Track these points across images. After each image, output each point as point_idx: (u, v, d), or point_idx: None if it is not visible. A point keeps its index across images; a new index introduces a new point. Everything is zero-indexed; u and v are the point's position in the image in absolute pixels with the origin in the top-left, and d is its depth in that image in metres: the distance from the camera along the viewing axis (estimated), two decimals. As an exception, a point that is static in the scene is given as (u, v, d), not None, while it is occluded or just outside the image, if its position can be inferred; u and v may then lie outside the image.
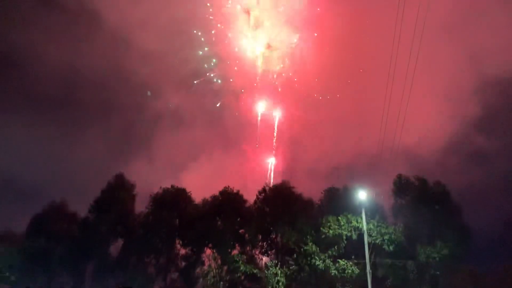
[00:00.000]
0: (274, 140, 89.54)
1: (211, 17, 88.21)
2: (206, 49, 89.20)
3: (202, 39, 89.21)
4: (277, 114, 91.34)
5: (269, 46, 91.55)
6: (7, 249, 50.35)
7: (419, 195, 50.91)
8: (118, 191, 55.12)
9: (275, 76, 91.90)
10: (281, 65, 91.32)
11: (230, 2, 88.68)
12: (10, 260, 49.97)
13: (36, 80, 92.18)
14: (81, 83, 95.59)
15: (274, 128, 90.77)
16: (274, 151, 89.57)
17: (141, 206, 55.78)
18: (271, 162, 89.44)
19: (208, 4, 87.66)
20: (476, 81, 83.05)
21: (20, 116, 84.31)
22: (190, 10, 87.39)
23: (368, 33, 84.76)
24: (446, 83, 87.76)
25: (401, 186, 52.77)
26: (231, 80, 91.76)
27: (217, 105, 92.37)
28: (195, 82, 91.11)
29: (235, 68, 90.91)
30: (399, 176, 53.25)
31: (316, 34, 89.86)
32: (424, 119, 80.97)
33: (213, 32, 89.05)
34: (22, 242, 52.25)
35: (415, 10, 34.03)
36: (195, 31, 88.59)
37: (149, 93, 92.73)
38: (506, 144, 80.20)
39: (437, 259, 46.09)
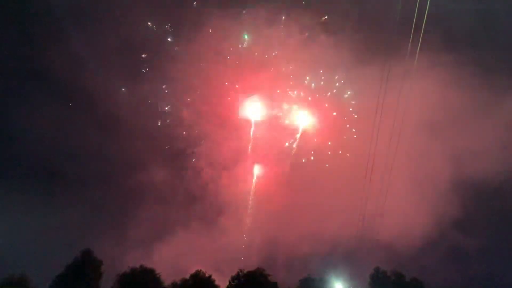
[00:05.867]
0: None
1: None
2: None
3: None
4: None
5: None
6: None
7: (395, 290, 49.94)
8: (84, 267, 52.46)
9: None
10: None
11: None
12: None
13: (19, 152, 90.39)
14: (68, 158, 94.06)
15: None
16: None
17: (107, 285, 53.14)
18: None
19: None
20: (455, 181, 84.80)
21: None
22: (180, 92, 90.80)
23: (349, 127, 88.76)
24: (425, 180, 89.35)
25: (378, 280, 52.51)
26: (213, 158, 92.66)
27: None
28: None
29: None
30: (377, 269, 52.88)
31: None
32: (403, 214, 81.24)
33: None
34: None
35: (395, 104, 35.86)
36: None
37: None
38: (483, 244, 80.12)
39: None
